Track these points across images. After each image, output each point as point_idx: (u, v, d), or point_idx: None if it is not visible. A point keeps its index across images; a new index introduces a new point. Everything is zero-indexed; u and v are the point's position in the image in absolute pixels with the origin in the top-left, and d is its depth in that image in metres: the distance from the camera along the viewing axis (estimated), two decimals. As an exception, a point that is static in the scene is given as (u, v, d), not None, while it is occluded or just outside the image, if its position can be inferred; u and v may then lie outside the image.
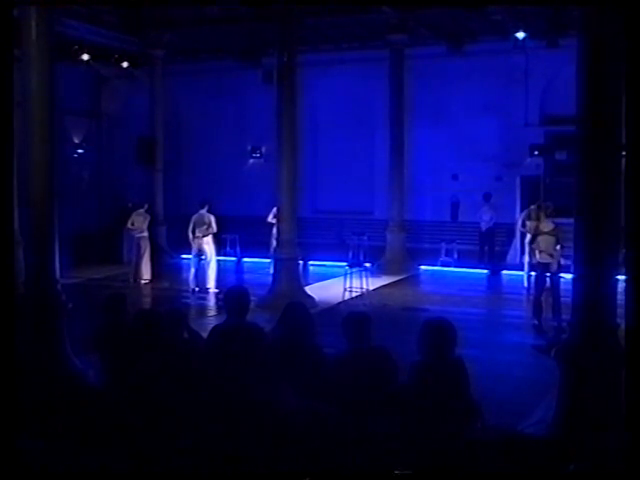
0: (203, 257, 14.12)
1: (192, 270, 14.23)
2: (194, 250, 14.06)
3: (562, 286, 10.62)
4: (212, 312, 12.49)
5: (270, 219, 15.73)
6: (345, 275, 13.42)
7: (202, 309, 12.98)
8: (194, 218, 14.09)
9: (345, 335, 5.45)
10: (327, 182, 20.32)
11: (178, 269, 17.01)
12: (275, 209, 14.52)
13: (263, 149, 20.84)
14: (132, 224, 15.42)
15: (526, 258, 14.24)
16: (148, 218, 15.62)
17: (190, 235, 14.04)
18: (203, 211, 14.10)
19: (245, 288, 6.36)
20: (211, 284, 14.05)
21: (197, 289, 14.06)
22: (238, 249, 18.33)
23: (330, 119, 20.27)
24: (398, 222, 16.58)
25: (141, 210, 15.59)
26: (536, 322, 11.06)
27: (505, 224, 17.21)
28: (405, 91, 16.18)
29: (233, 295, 6.10)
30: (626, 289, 5.49)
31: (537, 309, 11.13)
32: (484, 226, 17.33)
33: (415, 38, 16.37)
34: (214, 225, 14.08)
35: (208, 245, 14.09)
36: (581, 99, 5.94)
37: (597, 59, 5.84)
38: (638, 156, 5.40)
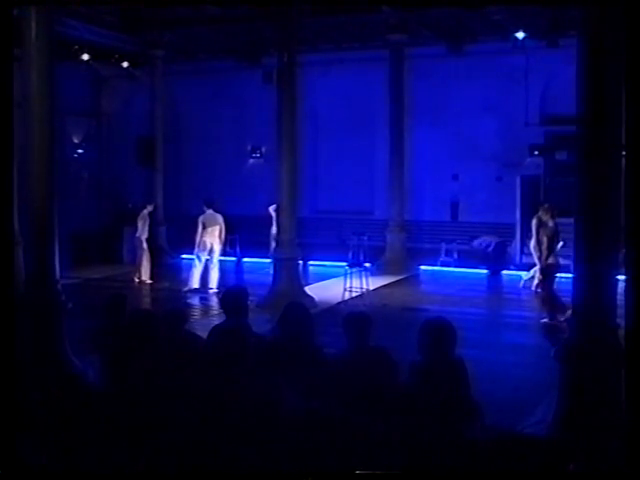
0: (209, 257, 14.10)
1: (196, 269, 14.15)
2: (204, 250, 14.01)
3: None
4: (214, 312, 12.49)
5: (271, 211, 15.79)
6: (345, 275, 13.42)
7: (204, 309, 12.98)
8: (204, 218, 14.03)
9: (345, 335, 5.45)
10: (327, 182, 20.28)
11: (178, 269, 17.00)
12: (275, 205, 14.57)
13: (263, 149, 20.79)
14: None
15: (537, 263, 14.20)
16: (145, 218, 15.59)
17: (198, 236, 14.00)
18: (212, 211, 14.09)
19: (243, 288, 6.35)
20: (213, 284, 14.04)
21: (198, 289, 14.04)
22: (238, 249, 18.32)
23: (330, 119, 20.23)
24: (398, 222, 16.56)
25: (144, 211, 15.58)
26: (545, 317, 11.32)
27: (505, 224, 17.20)
28: (405, 91, 16.17)
29: (231, 296, 6.09)
30: (626, 289, 5.49)
31: (550, 308, 11.38)
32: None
33: (415, 38, 16.36)
34: (223, 225, 14.10)
35: (218, 245, 14.09)
36: (581, 99, 5.94)
37: (597, 59, 5.84)
38: (638, 156, 5.40)
